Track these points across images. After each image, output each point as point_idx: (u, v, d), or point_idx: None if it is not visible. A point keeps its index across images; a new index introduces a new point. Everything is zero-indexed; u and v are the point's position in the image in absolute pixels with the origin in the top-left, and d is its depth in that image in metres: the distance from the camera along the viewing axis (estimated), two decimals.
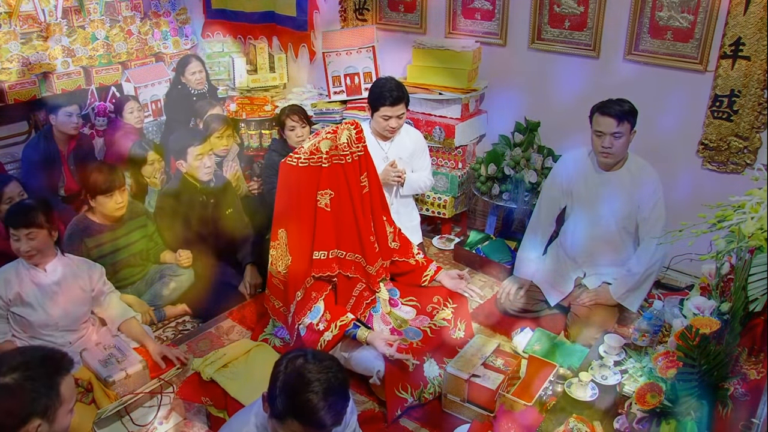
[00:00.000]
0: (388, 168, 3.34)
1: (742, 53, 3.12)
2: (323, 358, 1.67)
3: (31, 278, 2.60)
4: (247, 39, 5.13)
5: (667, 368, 1.80)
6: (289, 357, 1.68)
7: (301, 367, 1.63)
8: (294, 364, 1.64)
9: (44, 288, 2.61)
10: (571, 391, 2.35)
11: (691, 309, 1.86)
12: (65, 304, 2.66)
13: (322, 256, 2.66)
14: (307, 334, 2.63)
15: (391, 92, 3.20)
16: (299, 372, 1.62)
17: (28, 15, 4.25)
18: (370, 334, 2.65)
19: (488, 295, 3.55)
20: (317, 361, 1.64)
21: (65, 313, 2.67)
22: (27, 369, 1.57)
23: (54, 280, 2.63)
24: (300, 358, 1.65)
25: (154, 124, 4.82)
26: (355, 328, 2.64)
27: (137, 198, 3.69)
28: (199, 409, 2.68)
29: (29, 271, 2.60)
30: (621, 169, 3.05)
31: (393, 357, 2.55)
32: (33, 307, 2.59)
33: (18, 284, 2.58)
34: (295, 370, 1.63)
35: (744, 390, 1.74)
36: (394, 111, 3.25)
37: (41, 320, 2.61)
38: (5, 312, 2.60)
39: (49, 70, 4.38)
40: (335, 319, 2.63)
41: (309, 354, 1.67)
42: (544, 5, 3.70)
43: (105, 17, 4.67)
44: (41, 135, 4.08)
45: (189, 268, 3.42)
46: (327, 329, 2.61)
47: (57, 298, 2.63)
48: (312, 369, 1.62)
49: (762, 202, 1.75)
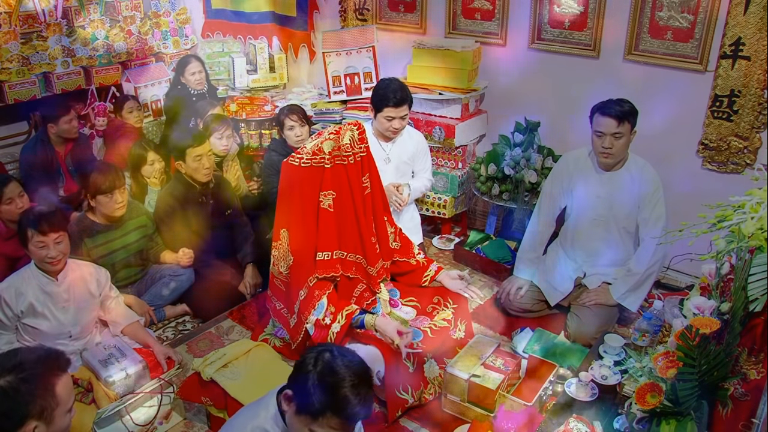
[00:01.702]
0: (392, 189, 3.32)
1: (742, 53, 3.12)
2: (346, 353, 1.71)
3: (42, 287, 2.57)
4: (247, 39, 5.13)
5: (667, 368, 1.80)
6: (315, 354, 1.68)
7: (330, 362, 1.65)
8: (323, 360, 1.65)
9: (56, 296, 2.59)
10: (571, 391, 2.35)
11: (691, 309, 1.86)
12: (76, 311, 2.65)
13: (326, 256, 2.66)
14: (316, 332, 2.62)
15: (395, 93, 3.20)
16: (332, 368, 1.63)
17: (28, 15, 4.25)
18: (377, 319, 2.63)
19: (488, 295, 3.55)
20: (342, 356, 1.67)
21: (77, 320, 2.66)
22: (21, 371, 1.56)
23: (65, 288, 2.61)
24: (326, 353, 1.67)
25: (154, 124, 4.82)
26: (361, 314, 2.64)
27: (137, 198, 3.69)
28: (199, 409, 2.69)
29: (40, 280, 2.57)
30: (621, 169, 3.05)
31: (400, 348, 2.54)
32: (45, 316, 2.58)
33: (30, 295, 2.55)
34: (326, 367, 1.64)
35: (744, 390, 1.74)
36: (397, 112, 3.25)
37: (54, 329, 2.60)
38: (15, 323, 2.58)
39: (49, 70, 4.38)
40: (340, 310, 2.62)
41: (334, 349, 1.70)
42: (544, 5, 3.70)
43: (105, 17, 4.67)
44: (38, 138, 4.06)
45: (189, 267, 3.42)
46: (334, 321, 2.59)
47: (68, 306, 2.63)
48: (340, 364, 1.64)
49: (762, 202, 1.75)
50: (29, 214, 2.56)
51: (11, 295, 2.54)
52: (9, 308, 2.53)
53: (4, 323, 2.56)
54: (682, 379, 1.75)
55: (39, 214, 2.54)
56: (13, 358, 1.61)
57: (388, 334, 2.57)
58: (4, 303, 2.53)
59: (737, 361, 1.77)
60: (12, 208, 3.15)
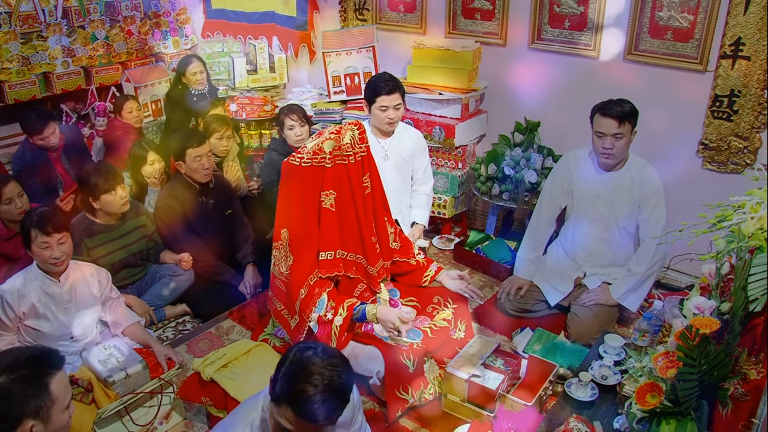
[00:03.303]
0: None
1: (742, 53, 3.12)
2: (333, 355, 1.68)
3: (45, 289, 2.57)
4: (247, 39, 5.13)
5: (667, 368, 1.80)
6: (300, 346, 1.69)
7: (307, 358, 1.64)
8: (302, 353, 1.65)
9: (58, 297, 2.59)
10: (571, 391, 2.35)
11: (691, 309, 1.86)
12: (78, 312, 2.64)
13: (328, 256, 2.66)
14: (320, 329, 2.62)
15: (386, 82, 3.26)
16: (304, 362, 1.63)
17: (28, 15, 4.25)
18: (378, 308, 2.61)
19: (488, 295, 3.55)
20: (326, 357, 1.65)
21: (79, 321, 2.65)
22: (14, 371, 1.56)
23: (67, 289, 2.61)
24: (310, 350, 1.66)
25: (154, 124, 4.83)
26: (362, 305, 2.64)
27: (137, 198, 3.69)
28: (199, 409, 2.69)
29: (42, 281, 2.56)
30: (621, 170, 3.05)
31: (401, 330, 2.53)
32: (47, 318, 2.57)
33: (32, 296, 2.54)
34: (301, 359, 1.64)
35: (744, 390, 1.74)
36: (390, 101, 3.27)
37: (56, 331, 2.60)
38: (16, 324, 2.57)
39: (49, 70, 4.38)
40: (341, 303, 2.62)
41: (320, 348, 1.68)
42: (544, 5, 3.70)
43: (105, 17, 4.68)
44: (25, 146, 3.93)
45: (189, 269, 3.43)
46: (336, 314, 2.59)
47: (70, 307, 2.62)
48: (317, 362, 1.63)
49: (762, 202, 1.75)
50: (32, 215, 2.55)
51: (13, 297, 2.52)
52: (11, 309, 2.52)
53: (6, 324, 2.55)
54: (682, 379, 1.75)
55: (42, 215, 2.53)
56: (5, 358, 1.60)
57: (391, 318, 2.56)
58: (6, 304, 2.52)
59: (737, 361, 1.76)
60: (12, 208, 3.15)
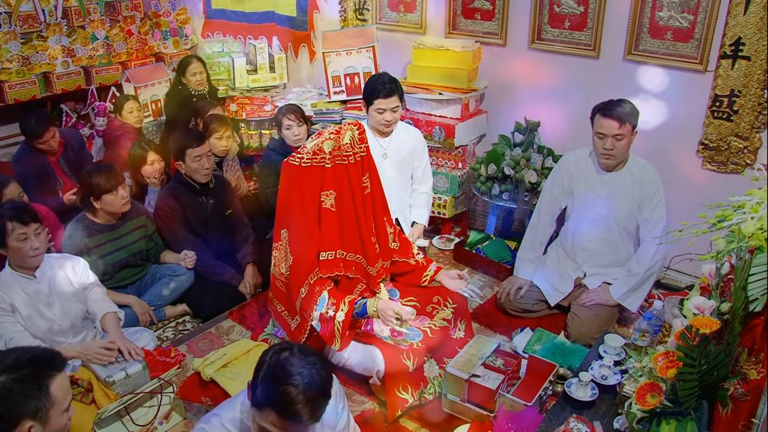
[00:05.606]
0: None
1: (742, 53, 3.12)
2: (309, 354, 1.68)
3: (24, 289, 2.57)
4: (247, 39, 5.13)
5: (667, 368, 1.80)
6: (276, 348, 1.69)
7: (285, 359, 1.63)
8: (279, 355, 1.65)
9: (38, 294, 2.59)
10: (571, 391, 2.35)
11: (691, 309, 1.86)
12: (62, 304, 2.65)
13: (329, 256, 2.66)
14: (323, 327, 2.61)
15: (384, 85, 3.25)
16: (282, 364, 1.63)
17: (28, 15, 4.26)
18: (379, 302, 2.61)
19: (488, 295, 3.55)
20: (302, 356, 1.65)
21: (65, 313, 2.66)
22: (14, 371, 1.57)
23: (45, 283, 2.61)
24: (286, 351, 1.66)
25: (154, 124, 4.83)
26: (363, 300, 2.63)
27: (137, 198, 3.69)
28: (199, 409, 2.68)
29: (19, 281, 2.56)
30: (622, 170, 3.05)
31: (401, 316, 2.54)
32: (32, 317, 2.57)
33: (15, 298, 2.54)
34: (278, 362, 1.63)
35: (744, 390, 1.74)
36: (387, 103, 3.27)
37: (45, 327, 2.60)
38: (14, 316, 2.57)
39: (49, 70, 4.38)
40: (341, 300, 2.62)
41: (295, 348, 1.68)
42: (544, 5, 3.70)
43: (105, 17, 4.68)
44: (25, 149, 3.91)
45: None
46: (337, 310, 2.59)
47: (53, 301, 2.62)
48: (295, 362, 1.63)
49: (762, 202, 1.75)
50: (4, 210, 2.53)
51: None
52: None
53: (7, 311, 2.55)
54: (682, 379, 1.75)
55: (16, 206, 2.57)
56: (6, 358, 1.61)
57: (390, 307, 2.57)
58: None
59: (737, 361, 1.77)
60: None
